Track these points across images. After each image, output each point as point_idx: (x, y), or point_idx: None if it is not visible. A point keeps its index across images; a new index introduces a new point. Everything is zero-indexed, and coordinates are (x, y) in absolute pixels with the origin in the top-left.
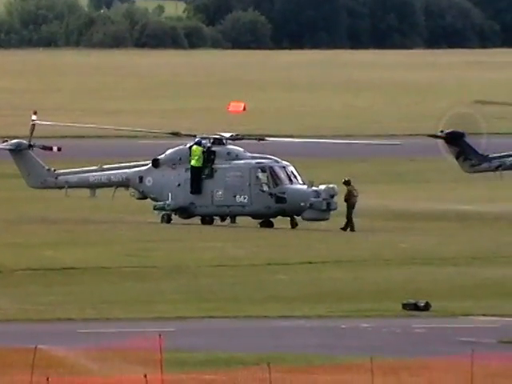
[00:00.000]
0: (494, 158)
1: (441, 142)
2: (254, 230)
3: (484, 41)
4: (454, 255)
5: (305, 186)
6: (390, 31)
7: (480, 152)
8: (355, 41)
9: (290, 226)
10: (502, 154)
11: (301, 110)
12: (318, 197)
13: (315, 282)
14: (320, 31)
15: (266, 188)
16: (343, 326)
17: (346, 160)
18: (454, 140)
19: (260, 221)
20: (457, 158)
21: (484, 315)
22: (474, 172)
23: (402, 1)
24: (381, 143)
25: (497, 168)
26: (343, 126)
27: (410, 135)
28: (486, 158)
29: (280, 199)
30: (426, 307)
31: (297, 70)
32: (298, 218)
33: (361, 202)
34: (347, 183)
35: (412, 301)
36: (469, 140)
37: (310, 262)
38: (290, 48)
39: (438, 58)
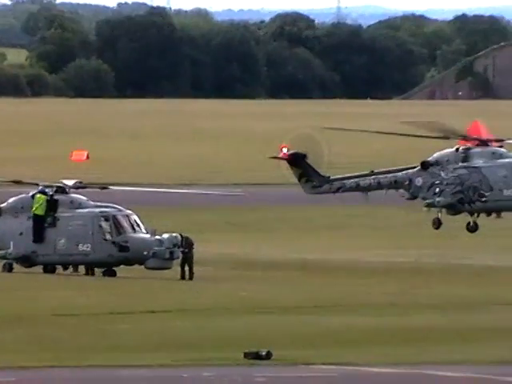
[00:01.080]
0: (335, 179)
1: (284, 162)
2: (97, 278)
3: (325, 91)
4: (295, 304)
5: (148, 235)
6: (233, 81)
7: (322, 174)
8: (198, 90)
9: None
10: (343, 176)
11: (145, 159)
12: (161, 246)
13: (158, 330)
14: (163, 80)
15: (108, 237)
16: (185, 375)
17: (190, 209)
18: (297, 161)
19: (103, 269)
20: (299, 180)
21: (324, 364)
22: (316, 193)
23: (244, 51)
24: (224, 193)
25: (337, 190)
26: (187, 175)
27: (254, 184)
28: (327, 180)
29: (123, 248)
30: (268, 356)
31: (140, 119)
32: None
33: (204, 251)
34: (181, 236)
35: (254, 349)
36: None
37: (153, 311)
38: (134, 97)
39: (281, 108)
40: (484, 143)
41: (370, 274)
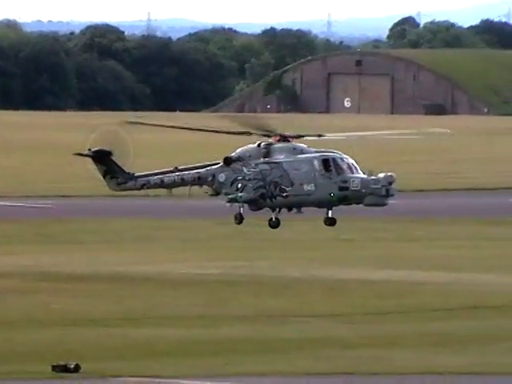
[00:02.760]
0: (140, 176)
1: (89, 159)
2: None
3: (135, 103)
4: (104, 316)
5: None
6: (43, 92)
7: (126, 170)
8: (7, 101)
9: None
10: (147, 172)
11: None
12: None
13: None
14: None
15: None
16: None
17: None
18: (101, 158)
19: None
20: (104, 177)
21: (132, 376)
22: (121, 190)
23: (53, 62)
24: (31, 205)
25: (142, 187)
26: None
27: (63, 196)
28: (131, 177)
29: None
30: (76, 369)
31: None
32: None
33: (12, 263)
34: None
35: (62, 362)
36: (116, 158)
37: None
38: None
39: (91, 120)
40: (285, 139)
41: (179, 286)
